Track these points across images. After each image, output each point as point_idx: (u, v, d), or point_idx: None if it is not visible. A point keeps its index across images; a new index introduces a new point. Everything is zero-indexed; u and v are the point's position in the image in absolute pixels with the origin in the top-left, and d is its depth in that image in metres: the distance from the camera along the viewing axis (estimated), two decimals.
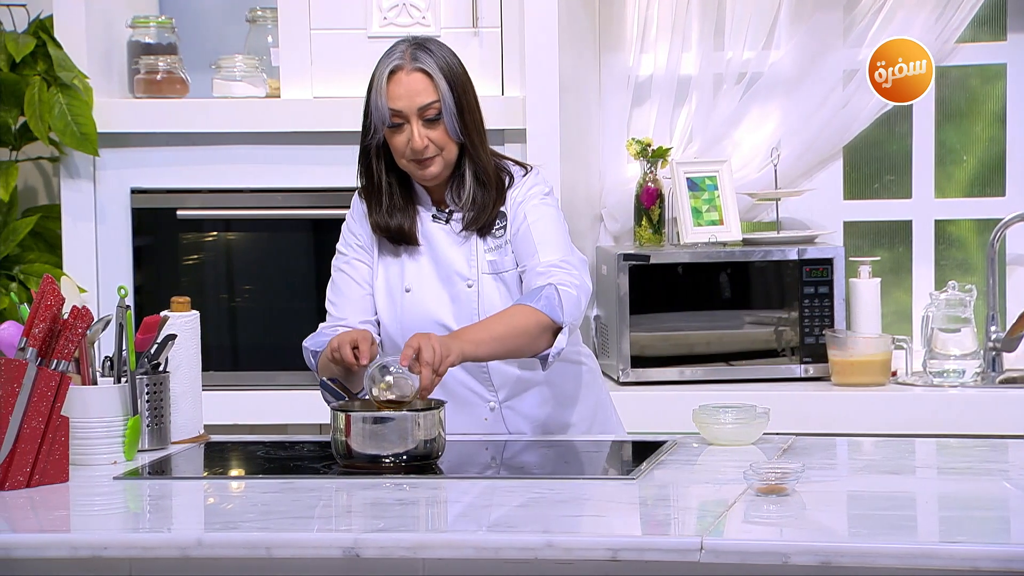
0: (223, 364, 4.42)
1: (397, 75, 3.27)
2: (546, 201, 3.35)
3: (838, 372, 4.36)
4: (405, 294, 3.35)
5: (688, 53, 4.65)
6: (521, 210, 3.33)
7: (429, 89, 3.26)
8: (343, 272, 3.41)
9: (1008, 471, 3.13)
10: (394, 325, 3.36)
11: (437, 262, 3.35)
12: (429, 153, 3.28)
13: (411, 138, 3.26)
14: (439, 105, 3.26)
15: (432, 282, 3.35)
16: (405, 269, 3.36)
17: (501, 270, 3.34)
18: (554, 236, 3.32)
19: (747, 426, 3.23)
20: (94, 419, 3.16)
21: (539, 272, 3.27)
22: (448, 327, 3.30)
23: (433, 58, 3.27)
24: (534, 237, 3.31)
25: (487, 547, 2.61)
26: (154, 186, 4.47)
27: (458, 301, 3.33)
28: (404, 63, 3.27)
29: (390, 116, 3.26)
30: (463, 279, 3.34)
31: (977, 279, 4.59)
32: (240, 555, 2.65)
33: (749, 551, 2.55)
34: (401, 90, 3.26)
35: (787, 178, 4.65)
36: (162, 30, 4.55)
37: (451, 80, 3.27)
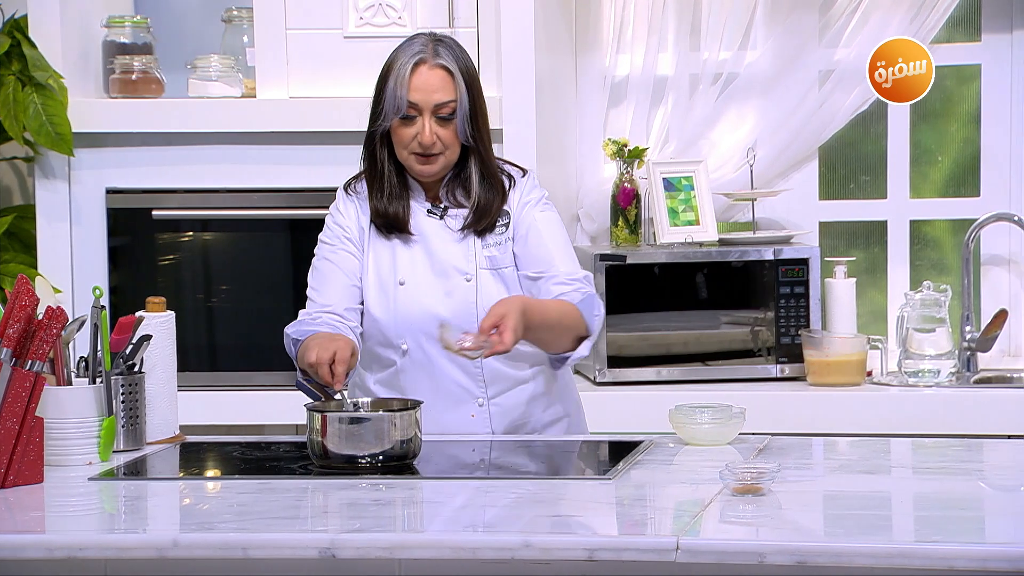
0: (199, 364, 4.41)
1: (420, 68, 3.27)
2: (550, 207, 3.41)
3: (814, 372, 4.37)
4: (399, 287, 3.35)
5: (664, 54, 4.65)
6: (528, 213, 3.36)
7: (448, 88, 3.27)
8: (328, 260, 3.39)
9: (983, 471, 3.14)
10: (387, 317, 3.35)
11: (431, 256, 3.35)
12: (435, 150, 3.29)
13: (420, 132, 3.27)
14: (455, 105, 3.28)
15: (427, 276, 3.35)
16: (398, 261, 3.36)
17: (500, 266, 3.36)
18: (566, 246, 3.40)
19: (723, 426, 3.24)
20: (69, 420, 3.15)
21: (564, 283, 3.32)
22: (443, 320, 3.29)
23: (455, 57, 3.30)
24: (549, 245, 3.35)
25: (464, 547, 2.61)
26: (129, 186, 4.46)
27: (455, 295, 3.33)
28: (428, 57, 3.28)
29: (407, 107, 3.27)
30: (461, 273, 3.34)
31: (952, 279, 4.61)
32: (216, 556, 2.65)
33: (725, 551, 2.55)
34: (422, 83, 3.26)
35: (763, 178, 4.66)
36: (137, 30, 4.54)
37: (469, 82, 3.29)
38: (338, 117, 4.37)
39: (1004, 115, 4.66)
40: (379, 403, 3.20)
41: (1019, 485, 3.02)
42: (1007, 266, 4.68)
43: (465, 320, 3.31)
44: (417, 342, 3.34)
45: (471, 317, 3.31)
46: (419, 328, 3.33)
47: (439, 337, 3.20)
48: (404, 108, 3.27)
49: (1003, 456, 3.27)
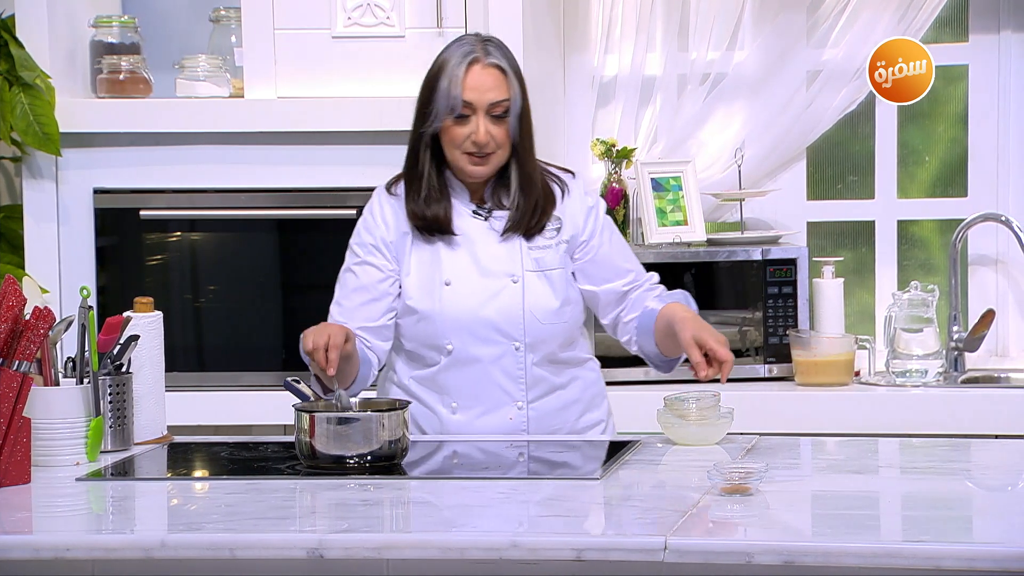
0: (187, 365, 4.41)
1: (474, 67, 3.28)
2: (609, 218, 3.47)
3: (802, 372, 4.38)
4: (444, 287, 3.34)
5: (653, 54, 4.66)
6: (596, 223, 3.40)
7: (502, 86, 3.28)
8: (352, 273, 3.39)
9: (971, 470, 3.15)
10: (432, 317, 3.34)
11: (476, 257, 3.35)
12: (489, 149, 3.29)
13: (475, 131, 3.26)
14: (508, 104, 3.28)
15: (472, 276, 3.35)
16: (442, 262, 3.35)
17: (547, 268, 3.36)
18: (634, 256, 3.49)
19: (711, 426, 3.24)
20: (56, 420, 3.14)
21: (650, 289, 3.43)
22: (491, 321, 3.32)
23: (505, 56, 3.31)
24: (627, 251, 3.46)
25: (452, 547, 2.61)
26: (117, 186, 4.46)
27: (501, 296, 3.34)
28: (480, 56, 3.29)
29: (461, 106, 3.27)
30: (508, 275, 3.34)
31: (939, 279, 4.62)
32: (204, 556, 2.64)
33: (713, 551, 2.56)
34: (476, 82, 3.27)
35: (751, 178, 4.66)
36: (125, 30, 4.53)
37: (520, 82, 3.31)
38: (326, 117, 4.36)
39: (991, 115, 4.67)
40: (367, 403, 3.20)
41: (1006, 485, 3.03)
42: (994, 266, 4.69)
43: (512, 322, 3.32)
44: (462, 342, 3.34)
45: (517, 319, 3.33)
46: (465, 328, 3.33)
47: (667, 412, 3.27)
48: (459, 107, 3.27)
49: (990, 456, 3.28)
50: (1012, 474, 3.09)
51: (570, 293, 3.40)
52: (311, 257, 4.43)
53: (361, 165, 4.39)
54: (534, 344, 3.35)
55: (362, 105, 4.36)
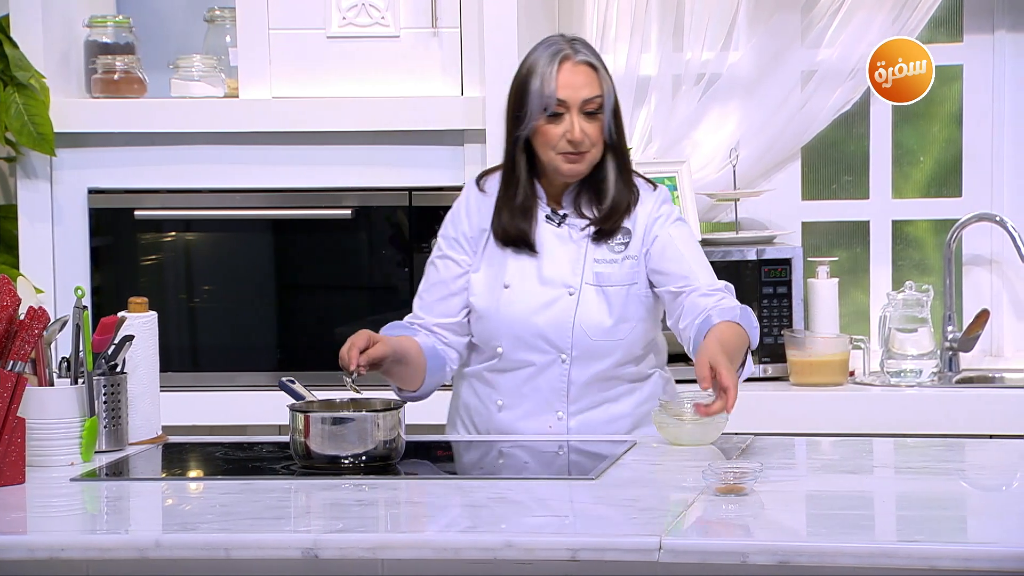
0: (182, 365, 4.40)
1: (565, 64, 3.27)
2: (682, 222, 3.37)
3: (796, 372, 4.38)
4: (504, 289, 3.34)
5: (647, 54, 4.66)
6: (661, 229, 3.32)
7: (594, 83, 3.27)
8: (435, 267, 3.41)
9: (965, 470, 3.15)
10: (488, 318, 3.35)
11: (541, 264, 3.33)
12: (584, 147, 3.27)
13: (570, 129, 3.24)
14: (601, 100, 3.27)
15: (532, 283, 3.33)
16: (508, 264, 3.34)
17: (607, 284, 3.32)
18: (703, 259, 3.36)
19: (706, 426, 3.24)
20: (51, 420, 3.14)
21: (706, 294, 3.28)
22: (540, 330, 3.30)
23: (594, 54, 3.30)
24: (688, 258, 3.31)
25: (447, 547, 2.61)
26: (112, 186, 4.45)
27: (554, 306, 3.31)
28: (570, 53, 3.27)
29: (555, 104, 3.25)
30: (565, 286, 3.32)
31: (934, 279, 4.62)
32: (199, 556, 2.64)
33: (708, 551, 2.56)
34: (569, 79, 3.25)
35: (746, 179, 4.66)
36: (120, 30, 4.53)
37: (611, 79, 3.29)
38: (321, 117, 4.36)
39: (986, 115, 4.67)
40: (361, 404, 3.19)
41: (1001, 485, 3.03)
42: (989, 266, 4.69)
43: (560, 333, 3.30)
44: (512, 346, 3.34)
45: (566, 331, 3.31)
46: (515, 333, 3.33)
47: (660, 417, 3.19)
48: (552, 106, 3.25)
49: (985, 456, 3.28)
50: (1007, 474, 3.09)
51: (630, 311, 3.33)
52: (306, 257, 4.42)
53: (356, 165, 4.39)
54: (582, 358, 3.32)
55: (357, 105, 4.36)
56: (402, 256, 4.36)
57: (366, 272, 4.43)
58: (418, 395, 3.40)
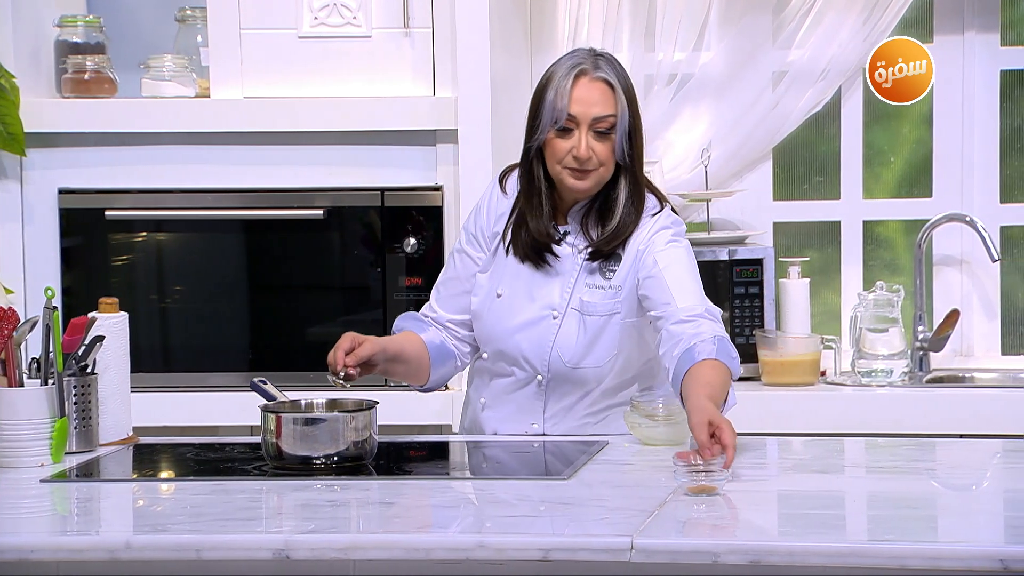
0: (153, 365, 4.39)
1: (581, 79, 3.21)
2: (675, 242, 3.27)
3: (768, 372, 4.39)
4: (496, 298, 3.33)
5: (619, 54, 4.65)
6: (649, 258, 3.24)
7: (609, 101, 3.21)
8: (453, 261, 3.40)
9: (935, 470, 3.16)
10: (481, 322, 3.34)
11: (534, 280, 3.30)
12: (590, 165, 3.21)
13: (577, 146, 3.20)
14: (614, 120, 3.21)
15: (522, 297, 3.31)
16: (506, 272, 3.33)
17: (590, 313, 3.27)
18: (689, 282, 3.24)
19: (678, 426, 3.24)
20: (21, 421, 3.13)
21: (683, 320, 3.18)
22: (519, 348, 3.28)
23: (616, 72, 3.23)
24: (668, 283, 3.22)
25: (418, 548, 2.61)
26: (82, 186, 4.44)
27: (536, 327, 3.29)
28: (589, 69, 3.22)
29: (565, 119, 3.21)
30: (551, 308, 3.30)
31: (905, 279, 4.63)
32: (169, 557, 2.64)
33: (679, 551, 2.56)
34: (583, 95, 3.20)
35: (717, 179, 4.67)
36: (90, 29, 4.52)
37: (630, 100, 3.23)
38: (293, 117, 4.35)
39: (956, 116, 4.69)
40: (333, 404, 3.19)
41: (971, 484, 3.04)
42: (959, 266, 4.71)
43: (538, 355, 3.29)
44: (494, 356, 3.34)
45: (544, 354, 3.29)
46: (497, 345, 3.32)
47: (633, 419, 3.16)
48: (563, 120, 3.20)
49: (955, 455, 3.29)
50: (977, 473, 3.11)
51: (611, 341, 3.27)
52: (278, 257, 4.42)
53: (328, 165, 4.38)
54: (556, 381, 3.31)
55: (329, 105, 4.36)
56: (374, 256, 4.36)
57: (338, 272, 4.42)
58: (429, 388, 3.41)
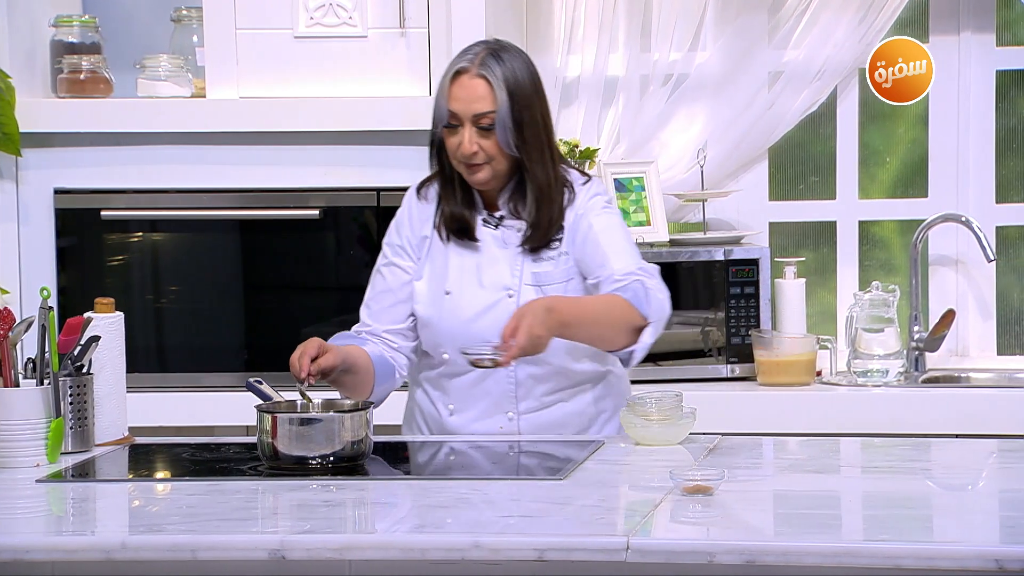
0: (149, 366, 4.39)
1: (460, 78, 3.27)
2: (608, 209, 3.35)
3: (764, 372, 4.39)
4: (445, 296, 3.34)
5: (615, 54, 4.66)
6: (584, 221, 3.31)
7: (488, 98, 3.26)
8: (381, 275, 3.42)
9: (931, 470, 3.16)
10: (432, 325, 3.35)
11: (480, 267, 3.34)
12: (478, 160, 3.27)
13: (462, 142, 3.26)
14: (494, 116, 3.26)
15: (472, 287, 3.34)
16: (449, 271, 3.35)
17: (545, 283, 3.32)
18: (623, 244, 3.32)
19: (673, 426, 3.25)
20: (16, 421, 3.13)
21: (616, 279, 3.26)
22: (482, 334, 3.28)
23: (501, 67, 3.27)
24: (603, 247, 3.29)
25: (414, 548, 2.61)
26: (78, 186, 4.44)
27: (495, 309, 3.31)
28: (471, 67, 3.27)
29: (447, 117, 3.27)
30: (504, 288, 3.32)
31: (900, 279, 4.64)
32: (165, 558, 2.64)
33: (675, 550, 2.56)
34: (461, 93, 3.26)
35: (713, 179, 4.67)
36: (86, 29, 4.51)
37: (513, 92, 3.26)
38: (288, 117, 4.35)
39: (951, 116, 4.69)
40: (329, 404, 3.19)
41: (966, 484, 3.04)
42: (954, 266, 4.71)
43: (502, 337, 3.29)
44: (457, 352, 3.33)
45: None
46: (459, 339, 3.32)
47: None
48: (446, 118, 3.28)
49: (951, 455, 3.30)
50: (972, 473, 3.11)
51: None
52: (273, 257, 4.42)
53: (323, 165, 4.38)
54: (526, 360, 3.30)
55: (324, 105, 4.36)
56: (370, 256, 4.34)
57: (334, 272, 4.42)
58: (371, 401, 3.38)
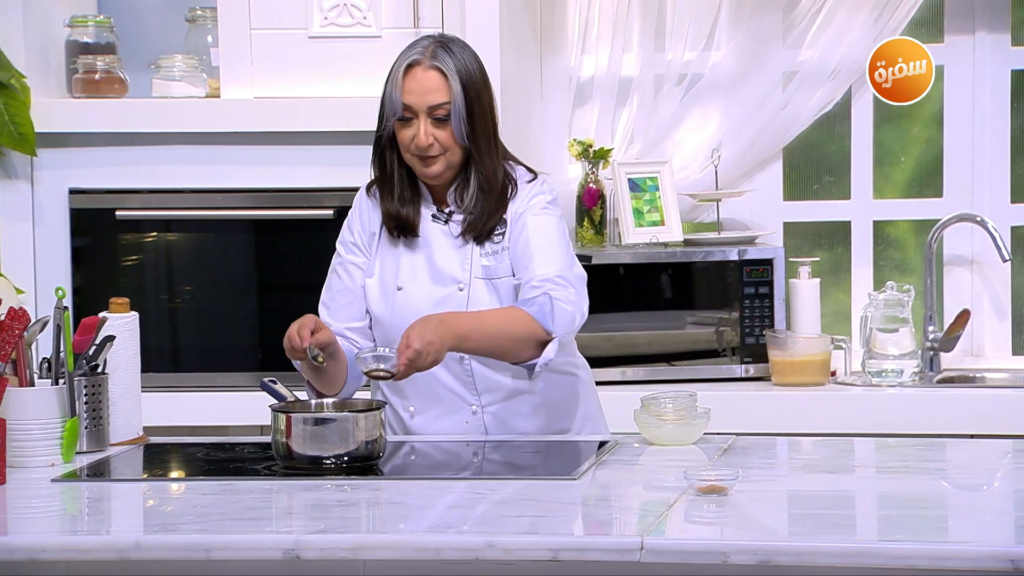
0: (163, 365, 4.40)
1: (414, 70, 3.28)
2: (548, 210, 3.33)
3: (778, 372, 4.39)
4: (397, 292, 3.35)
5: (629, 54, 4.66)
6: (521, 220, 3.32)
7: (442, 89, 3.27)
8: (336, 274, 3.41)
9: (945, 470, 3.16)
10: (385, 322, 3.35)
11: (431, 262, 3.34)
12: (433, 152, 3.28)
13: (417, 134, 3.27)
14: (449, 107, 3.27)
15: (424, 282, 3.34)
16: (400, 267, 3.35)
17: (494, 276, 3.33)
18: (552, 248, 3.30)
19: (688, 426, 3.24)
20: (31, 421, 3.13)
21: (534, 286, 3.25)
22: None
23: (452, 59, 3.28)
24: (531, 248, 3.29)
25: (428, 548, 2.61)
26: (93, 186, 4.45)
27: (447, 304, 3.31)
28: (423, 59, 3.28)
29: (401, 109, 3.28)
30: (455, 282, 3.33)
31: (915, 279, 4.63)
32: (179, 557, 2.64)
33: (689, 551, 2.56)
34: (415, 85, 3.27)
35: (727, 179, 4.67)
36: (100, 29, 4.52)
37: (466, 83, 3.28)
38: (303, 117, 4.36)
39: (966, 116, 4.69)
40: (343, 404, 3.19)
41: (981, 484, 3.04)
42: (969, 266, 4.71)
43: None
44: None
45: None
46: None
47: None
48: (400, 110, 3.28)
49: (965, 455, 3.29)
50: (986, 474, 3.10)
51: None
52: (287, 257, 4.42)
53: (337, 165, 4.38)
54: None
55: (339, 105, 4.36)
56: None
57: None
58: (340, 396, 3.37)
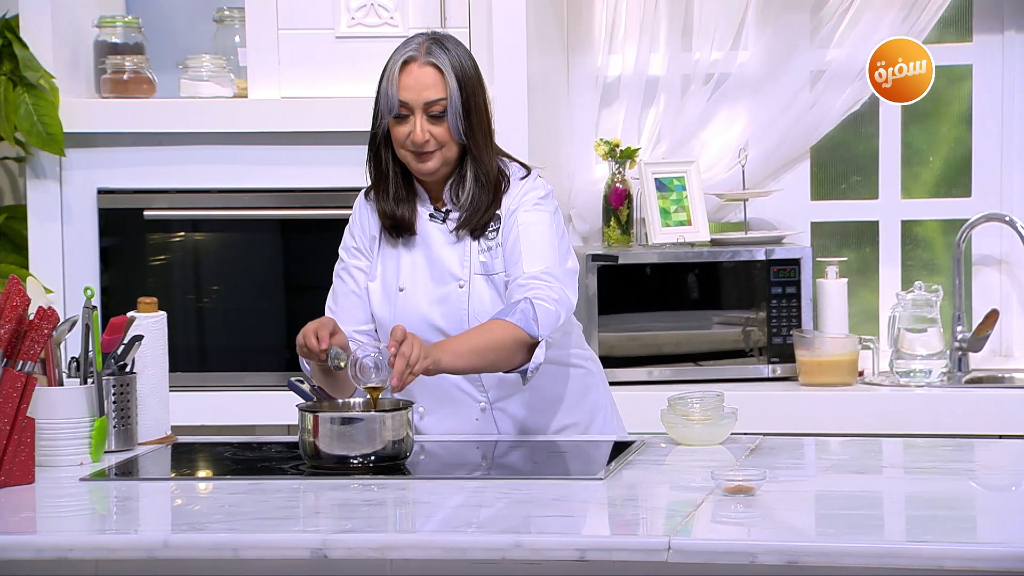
0: (190, 365, 4.41)
1: (409, 66, 3.29)
2: (540, 206, 3.33)
3: (805, 372, 4.38)
4: (399, 293, 3.35)
5: (656, 54, 4.66)
6: (513, 217, 3.32)
7: (439, 85, 3.28)
8: (341, 279, 3.42)
9: (974, 470, 3.15)
10: (389, 324, 3.35)
11: (431, 261, 3.35)
12: (429, 148, 3.29)
13: (413, 131, 3.28)
14: (445, 103, 3.28)
15: (424, 282, 3.35)
16: (401, 268, 3.36)
17: (492, 272, 3.33)
18: (542, 245, 3.30)
19: (715, 426, 3.24)
20: (60, 420, 3.14)
21: (519, 284, 3.26)
22: (438, 327, 3.30)
23: (448, 55, 3.29)
24: (521, 245, 3.29)
25: (455, 547, 2.61)
26: (121, 186, 4.46)
27: (448, 301, 3.32)
28: (418, 55, 3.29)
29: (398, 106, 3.28)
30: (455, 279, 3.33)
31: (943, 279, 4.62)
32: (207, 556, 2.65)
33: (716, 551, 2.56)
34: (411, 82, 3.28)
35: (754, 179, 4.66)
36: (129, 30, 4.54)
37: (461, 80, 3.28)
38: (330, 117, 4.36)
39: (995, 115, 4.67)
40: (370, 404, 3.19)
41: (1010, 485, 3.03)
42: (998, 266, 4.69)
43: (456, 326, 3.30)
44: None
45: (463, 324, 3.31)
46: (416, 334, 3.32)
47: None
48: (396, 107, 3.29)
49: (994, 456, 3.28)
50: (1015, 474, 3.09)
51: None
52: (314, 257, 4.43)
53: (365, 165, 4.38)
54: None
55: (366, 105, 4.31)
56: None
57: None
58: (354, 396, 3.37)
